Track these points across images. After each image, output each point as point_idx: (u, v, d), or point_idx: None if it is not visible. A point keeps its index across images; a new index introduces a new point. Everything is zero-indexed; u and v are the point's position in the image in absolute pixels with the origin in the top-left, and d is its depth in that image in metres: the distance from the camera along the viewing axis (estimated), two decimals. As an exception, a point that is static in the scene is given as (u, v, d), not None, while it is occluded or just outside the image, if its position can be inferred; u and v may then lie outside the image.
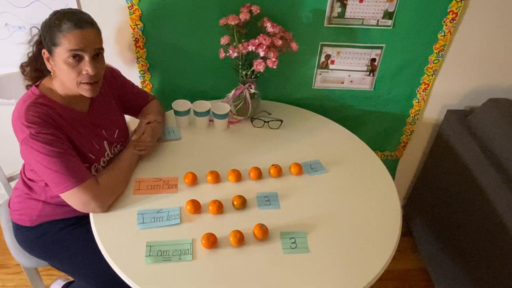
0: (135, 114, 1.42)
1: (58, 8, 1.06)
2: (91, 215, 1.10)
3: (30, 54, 1.15)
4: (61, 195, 1.06)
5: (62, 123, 1.08)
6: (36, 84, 1.12)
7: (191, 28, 1.47)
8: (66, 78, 1.06)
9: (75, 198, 1.05)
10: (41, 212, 1.21)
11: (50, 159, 1.01)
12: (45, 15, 1.06)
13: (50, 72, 1.10)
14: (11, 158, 1.43)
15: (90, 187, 1.06)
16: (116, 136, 1.26)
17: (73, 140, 1.10)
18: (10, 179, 1.41)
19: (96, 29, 1.06)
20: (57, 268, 1.25)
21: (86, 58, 1.04)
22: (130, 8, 1.40)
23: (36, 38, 1.12)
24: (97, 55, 1.08)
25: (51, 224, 1.22)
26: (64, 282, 1.52)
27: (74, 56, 1.02)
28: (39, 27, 1.09)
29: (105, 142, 1.21)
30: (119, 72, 1.35)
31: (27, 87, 1.16)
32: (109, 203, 1.11)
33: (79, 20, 1.01)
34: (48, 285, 1.60)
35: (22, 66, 1.16)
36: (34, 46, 1.13)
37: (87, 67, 1.04)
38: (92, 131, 1.18)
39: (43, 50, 1.06)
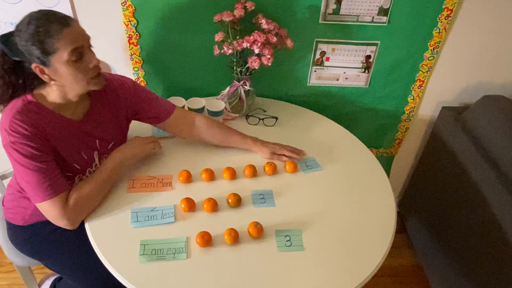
0: (154, 123, 1.31)
1: (49, 5, 1.02)
2: (84, 214, 1.09)
3: None
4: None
5: (50, 131, 1.04)
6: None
7: (185, 24, 1.45)
8: (75, 80, 1.01)
9: (45, 211, 1.04)
10: (34, 212, 1.19)
11: (25, 170, 0.99)
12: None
13: (32, 83, 1.04)
14: (3, 156, 1.41)
15: (59, 204, 1.02)
16: (110, 148, 1.21)
17: (58, 150, 1.06)
18: (3, 177, 1.40)
19: (77, 21, 1.03)
20: (49, 268, 1.24)
21: (86, 51, 1.02)
22: (123, 4, 1.39)
23: None
24: (89, 46, 1.05)
25: (43, 225, 1.20)
26: (54, 277, 1.51)
27: (76, 55, 0.98)
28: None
29: (95, 152, 1.17)
30: (133, 82, 1.25)
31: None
32: (78, 220, 1.07)
33: (61, 19, 0.97)
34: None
35: None
36: None
37: (91, 60, 1.02)
38: (82, 140, 1.13)
39: (33, 65, 0.98)
